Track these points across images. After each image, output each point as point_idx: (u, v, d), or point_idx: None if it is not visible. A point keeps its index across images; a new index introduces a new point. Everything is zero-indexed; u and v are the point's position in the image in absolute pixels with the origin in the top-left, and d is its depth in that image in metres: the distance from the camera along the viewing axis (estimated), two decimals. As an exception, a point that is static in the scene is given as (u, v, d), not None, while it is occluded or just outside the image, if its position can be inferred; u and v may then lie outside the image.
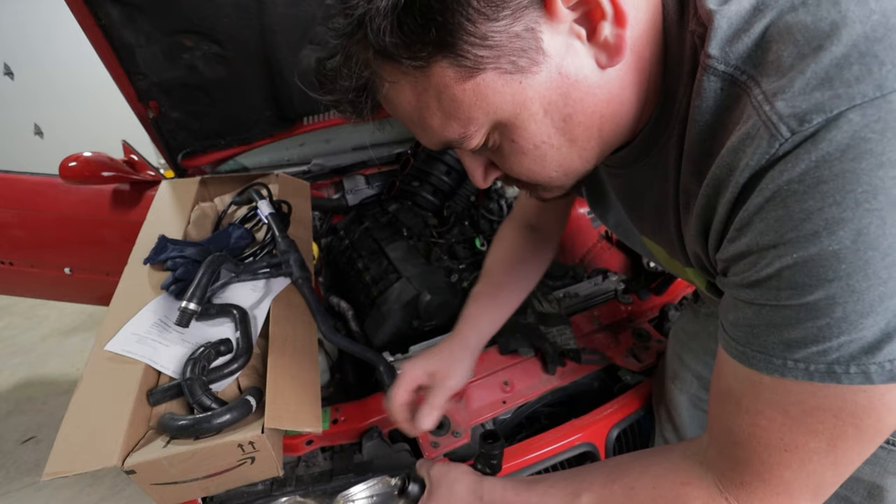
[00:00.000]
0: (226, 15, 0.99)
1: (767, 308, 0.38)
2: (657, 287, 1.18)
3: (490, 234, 1.49)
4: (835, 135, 0.31)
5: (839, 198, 0.31)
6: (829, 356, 0.36)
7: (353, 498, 0.80)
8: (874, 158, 0.30)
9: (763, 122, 0.34)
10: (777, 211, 0.34)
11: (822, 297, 0.34)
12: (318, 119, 1.49)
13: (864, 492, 0.60)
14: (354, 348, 0.91)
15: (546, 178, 0.48)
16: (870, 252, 0.31)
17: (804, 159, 0.32)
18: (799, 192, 0.33)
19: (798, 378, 0.38)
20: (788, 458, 0.41)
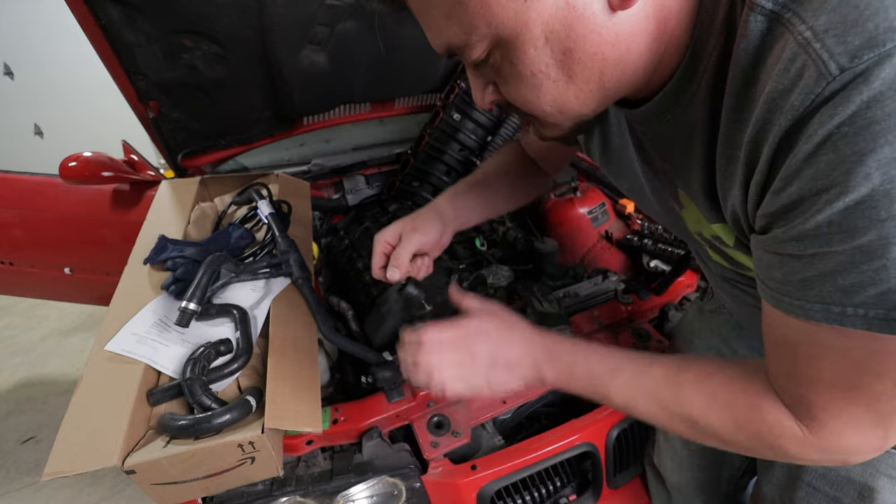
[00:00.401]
0: (226, 15, 0.99)
1: (819, 256, 0.37)
2: (657, 287, 1.18)
3: (490, 235, 1.49)
4: (888, 72, 0.30)
5: (891, 138, 0.30)
6: (887, 300, 0.35)
7: (353, 498, 0.80)
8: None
9: (812, 60, 0.32)
10: (828, 155, 0.33)
11: (876, 238, 0.33)
12: (318, 119, 1.49)
13: (854, 493, 0.60)
14: (354, 348, 0.91)
15: (540, 110, 0.48)
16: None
17: (855, 100, 0.31)
18: (850, 134, 0.32)
19: (857, 327, 0.37)
20: (855, 396, 0.42)
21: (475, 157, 1.45)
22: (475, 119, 1.42)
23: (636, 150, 0.61)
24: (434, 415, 0.89)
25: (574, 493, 0.94)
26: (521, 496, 0.88)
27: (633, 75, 0.45)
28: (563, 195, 1.54)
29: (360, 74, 1.33)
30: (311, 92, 1.30)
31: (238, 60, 1.10)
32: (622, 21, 0.41)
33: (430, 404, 0.91)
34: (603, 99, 0.47)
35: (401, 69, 1.40)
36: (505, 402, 0.93)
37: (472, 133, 1.44)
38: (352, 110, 1.54)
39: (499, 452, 0.87)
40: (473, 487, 0.82)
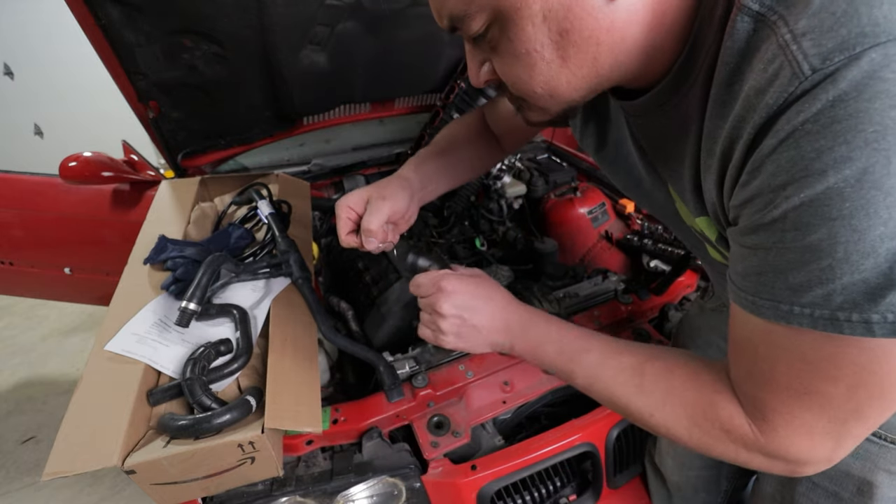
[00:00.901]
0: (226, 15, 0.99)
1: (773, 252, 0.38)
2: (657, 287, 1.18)
3: (490, 234, 1.49)
4: (854, 74, 0.31)
5: (849, 137, 0.31)
6: (832, 301, 0.36)
7: (353, 498, 0.80)
8: (888, 99, 0.30)
9: (788, 60, 0.34)
10: (789, 152, 0.34)
11: (825, 237, 0.34)
12: (318, 119, 1.49)
13: (853, 488, 0.60)
14: (354, 348, 0.91)
15: (531, 91, 0.48)
16: (873, 191, 0.32)
17: (821, 98, 0.32)
18: (812, 131, 0.33)
19: (804, 325, 0.38)
20: (809, 401, 0.42)
21: (475, 157, 1.45)
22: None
23: (634, 144, 0.61)
24: (434, 415, 0.89)
25: (574, 493, 0.94)
26: (521, 496, 0.88)
27: (626, 64, 0.46)
28: (563, 195, 1.54)
29: (360, 74, 1.33)
30: (311, 92, 1.30)
31: (238, 60, 1.10)
32: (619, 8, 0.41)
33: (430, 404, 0.91)
34: (594, 85, 0.48)
35: (401, 69, 1.40)
36: (505, 402, 0.93)
37: (472, 133, 1.44)
38: (352, 110, 1.54)
39: (499, 452, 0.87)
40: (473, 487, 0.82)
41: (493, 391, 0.94)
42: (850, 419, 0.41)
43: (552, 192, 1.55)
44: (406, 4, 1.14)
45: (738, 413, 0.47)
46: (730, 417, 0.47)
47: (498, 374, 0.97)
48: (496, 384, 0.95)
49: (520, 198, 1.57)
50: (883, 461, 0.57)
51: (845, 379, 0.39)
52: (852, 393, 0.39)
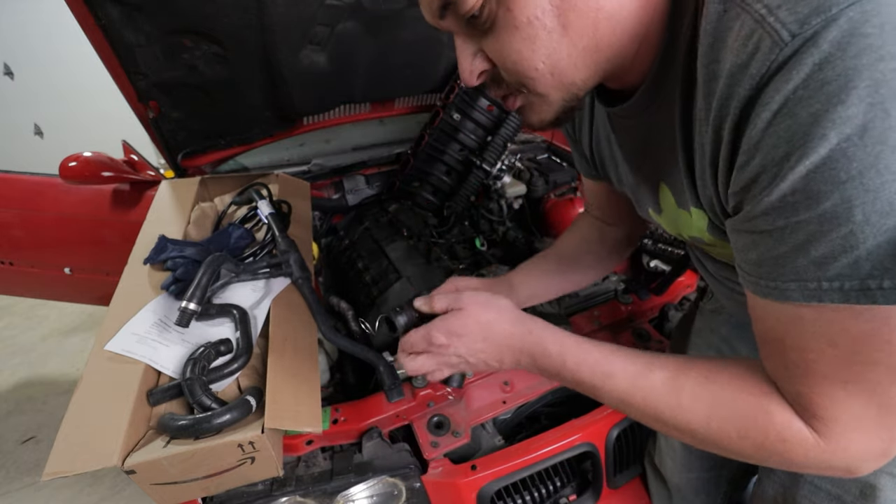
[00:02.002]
0: (226, 15, 0.98)
1: (788, 229, 0.36)
2: (657, 287, 1.18)
3: (490, 235, 1.49)
4: (834, 34, 0.31)
5: (843, 96, 0.31)
6: (861, 268, 0.34)
7: (353, 498, 0.80)
8: (874, 52, 0.30)
9: (766, 31, 0.34)
10: (786, 121, 0.34)
11: (839, 202, 0.33)
12: (318, 119, 1.49)
13: (856, 491, 0.59)
14: (354, 348, 0.91)
15: (532, 67, 0.46)
16: (878, 146, 0.31)
17: (807, 63, 0.32)
18: (805, 97, 0.32)
19: (835, 301, 0.36)
20: (852, 389, 0.39)
21: (475, 157, 1.45)
22: (475, 119, 1.42)
23: (620, 148, 0.62)
24: (434, 415, 0.89)
25: (574, 493, 0.94)
26: (521, 496, 0.88)
27: (623, 39, 0.45)
28: (563, 195, 1.54)
29: (360, 74, 1.33)
30: (311, 92, 1.30)
31: (238, 60, 1.10)
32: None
33: (430, 404, 0.91)
34: (594, 64, 0.46)
35: (401, 69, 1.40)
36: (505, 402, 0.93)
37: (472, 133, 1.44)
38: (352, 110, 1.54)
39: (499, 452, 0.87)
40: (473, 487, 0.82)
41: (493, 391, 0.94)
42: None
43: (552, 192, 1.55)
44: (405, 5, 1.14)
45: (793, 417, 0.43)
46: (787, 423, 0.43)
47: (498, 375, 0.97)
48: (496, 384, 0.95)
49: (520, 198, 1.57)
50: (886, 465, 0.57)
51: (884, 360, 0.37)
52: (894, 375, 0.37)
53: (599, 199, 0.86)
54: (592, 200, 0.89)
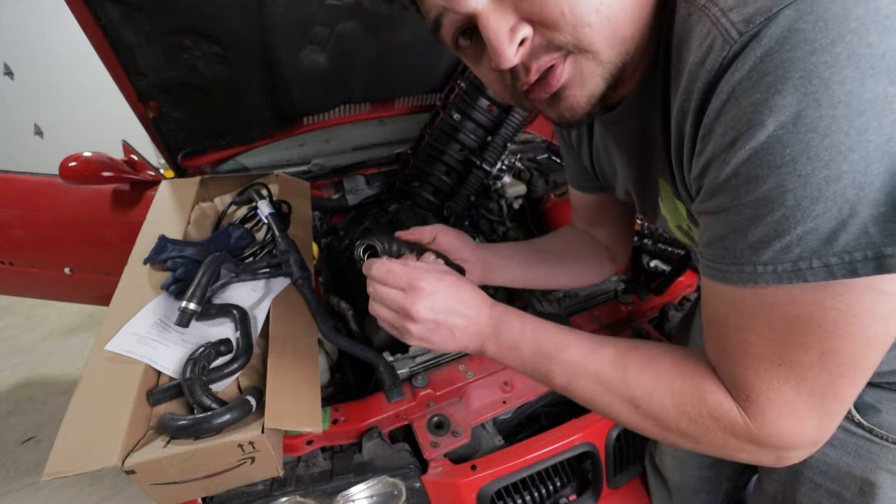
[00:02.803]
0: (226, 15, 0.98)
1: (732, 212, 0.39)
2: (657, 287, 1.18)
3: (490, 235, 1.49)
4: (774, 30, 0.34)
5: (779, 86, 0.34)
6: (792, 252, 0.37)
7: (353, 498, 0.80)
8: (808, 45, 0.33)
9: (719, 31, 0.37)
10: (732, 110, 0.37)
11: (774, 186, 0.35)
12: (318, 119, 1.49)
13: (855, 488, 0.60)
14: (354, 348, 0.91)
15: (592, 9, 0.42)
16: (809, 134, 0.33)
17: (751, 57, 0.35)
18: (748, 87, 0.35)
19: (769, 283, 0.39)
20: (785, 373, 0.42)
21: (475, 157, 1.45)
22: (475, 119, 1.42)
23: (618, 153, 0.64)
24: (434, 415, 0.89)
25: (574, 493, 0.94)
26: (521, 496, 0.88)
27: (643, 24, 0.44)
28: (563, 195, 1.54)
29: (360, 74, 1.33)
30: (311, 92, 1.30)
31: (238, 60, 1.10)
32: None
33: (430, 404, 0.91)
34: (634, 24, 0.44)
35: (401, 69, 1.40)
36: (505, 402, 0.93)
37: (472, 133, 1.44)
38: (352, 110, 1.54)
39: (499, 452, 0.87)
40: (473, 487, 0.82)
41: (493, 391, 0.94)
42: (827, 393, 0.41)
43: (552, 192, 1.55)
44: (405, 4, 1.14)
45: (725, 398, 0.46)
46: (718, 404, 0.46)
47: (498, 374, 0.97)
48: (496, 384, 0.95)
49: (520, 198, 1.57)
50: (885, 461, 0.57)
51: (815, 344, 0.39)
52: (825, 361, 0.39)
53: (587, 211, 0.89)
54: (579, 211, 0.91)
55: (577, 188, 0.86)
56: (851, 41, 0.32)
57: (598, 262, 0.90)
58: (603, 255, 0.90)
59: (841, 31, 0.32)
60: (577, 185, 0.86)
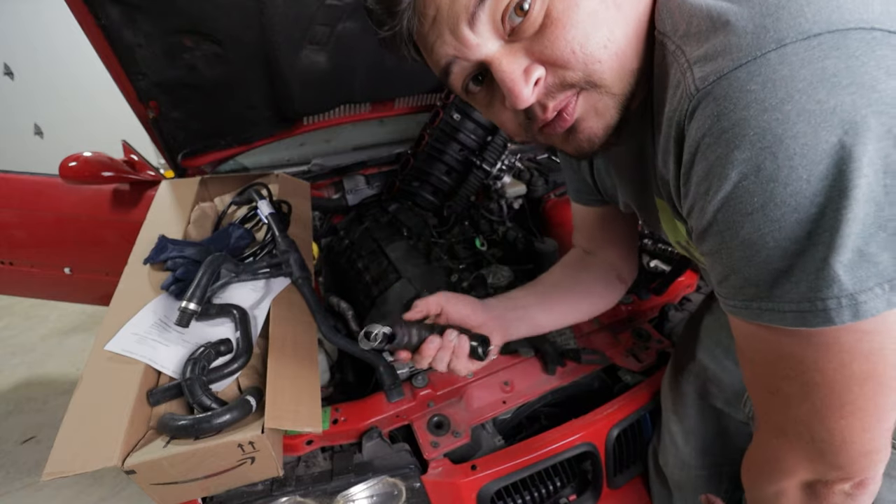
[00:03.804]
0: (226, 15, 0.98)
1: (724, 254, 0.42)
2: (657, 287, 1.18)
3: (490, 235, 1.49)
4: (726, 90, 0.37)
5: (738, 142, 0.37)
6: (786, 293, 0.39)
7: (353, 498, 0.80)
8: (758, 105, 0.35)
9: (685, 84, 0.40)
10: (701, 163, 0.40)
11: (752, 230, 0.38)
12: (318, 119, 1.49)
13: None
14: (354, 348, 0.90)
15: (601, 46, 0.44)
16: (771, 184, 0.36)
17: (708, 114, 0.38)
18: (711, 143, 0.38)
19: (773, 322, 0.41)
20: (774, 401, 0.46)
21: (475, 157, 1.45)
22: (475, 119, 1.42)
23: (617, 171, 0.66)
24: (434, 415, 0.89)
25: (574, 493, 0.94)
26: (521, 496, 0.88)
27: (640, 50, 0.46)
28: (563, 195, 1.54)
29: (360, 74, 1.33)
30: (311, 92, 1.30)
31: (238, 60, 1.10)
32: None
33: (430, 404, 0.91)
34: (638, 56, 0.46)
35: (401, 69, 1.40)
36: (505, 402, 0.93)
37: (472, 133, 1.44)
38: (352, 110, 1.54)
39: (499, 452, 0.87)
40: (473, 487, 0.82)
41: (493, 391, 0.94)
42: (813, 422, 0.44)
43: (552, 192, 1.55)
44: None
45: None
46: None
47: (498, 374, 0.97)
48: (496, 384, 0.95)
49: (520, 198, 1.57)
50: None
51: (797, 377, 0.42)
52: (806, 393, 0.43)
53: (591, 228, 0.87)
54: (583, 229, 0.89)
55: (579, 202, 0.85)
56: (800, 99, 0.34)
57: (609, 285, 0.88)
58: (611, 276, 0.88)
59: (789, 91, 0.34)
60: (580, 198, 0.84)
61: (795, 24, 0.35)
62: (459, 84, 0.52)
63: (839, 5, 0.35)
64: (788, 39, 0.35)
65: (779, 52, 0.35)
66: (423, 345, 0.68)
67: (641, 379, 0.99)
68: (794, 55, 0.34)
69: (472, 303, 0.77)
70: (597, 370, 1.01)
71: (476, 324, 0.75)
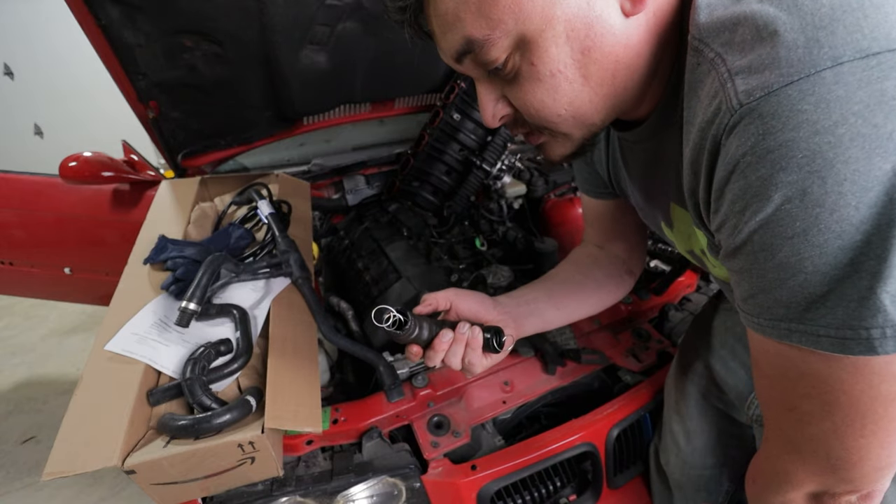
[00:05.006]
0: (226, 15, 0.98)
1: (754, 273, 0.41)
2: (657, 287, 1.18)
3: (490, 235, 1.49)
4: (776, 109, 0.35)
5: (784, 164, 0.35)
6: (834, 315, 0.37)
7: (353, 498, 0.80)
8: (810, 126, 0.34)
9: (725, 96, 0.38)
10: (739, 182, 0.39)
11: (790, 254, 0.37)
12: (318, 119, 1.49)
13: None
14: (354, 348, 0.91)
15: (555, 114, 0.49)
16: (817, 209, 0.35)
17: (752, 131, 0.36)
18: (753, 162, 0.37)
19: (804, 344, 0.40)
20: (790, 418, 0.45)
21: (475, 156, 1.45)
22: (475, 119, 1.42)
23: (629, 170, 0.65)
24: (434, 415, 0.89)
25: (574, 493, 0.94)
26: (521, 496, 0.88)
27: (638, 82, 0.48)
28: (563, 195, 1.54)
29: (360, 74, 1.33)
30: (311, 92, 1.30)
31: (238, 60, 1.10)
32: (631, 27, 0.44)
33: (430, 404, 0.91)
34: (612, 106, 0.50)
35: (401, 69, 1.40)
36: (505, 402, 0.93)
37: (472, 133, 1.44)
38: (352, 110, 1.54)
39: (499, 452, 0.87)
40: (473, 487, 0.82)
41: (493, 391, 0.94)
42: (830, 439, 0.43)
43: (552, 192, 1.55)
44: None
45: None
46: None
47: (498, 374, 0.97)
48: (496, 384, 0.95)
49: (520, 198, 1.57)
50: None
51: (818, 396, 0.42)
52: (827, 412, 0.42)
53: (603, 221, 0.87)
54: (594, 223, 0.89)
55: (590, 195, 0.85)
56: (855, 123, 0.32)
57: (618, 280, 0.88)
58: (620, 270, 0.88)
59: (844, 114, 0.33)
60: (590, 191, 0.84)
61: (853, 41, 0.33)
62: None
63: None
64: (845, 57, 0.33)
65: (834, 70, 0.33)
66: (436, 339, 0.66)
67: (641, 379, 0.99)
68: (852, 75, 0.33)
69: (483, 298, 0.75)
70: (597, 370, 1.01)
71: (487, 320, 0.74)
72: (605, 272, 0.87)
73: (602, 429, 0.90)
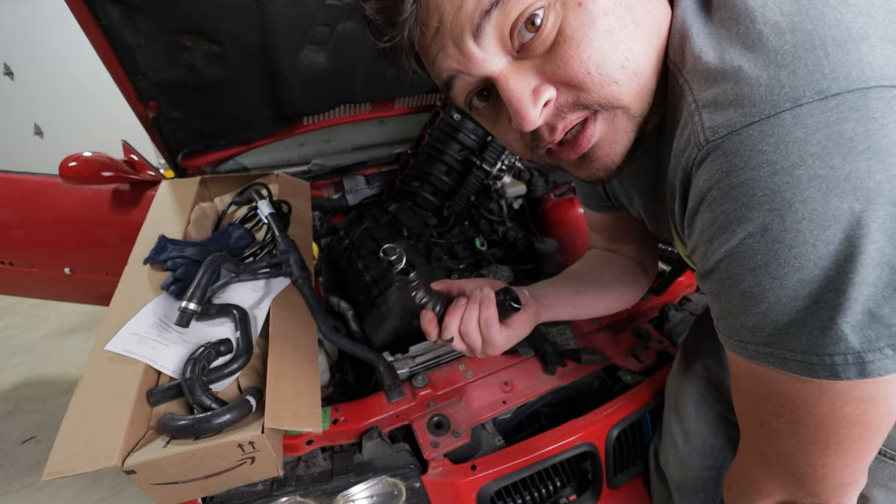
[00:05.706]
0: (226, 15, 0.98)
1: (723, 298, 0.43)
2: (657, 287, 1.18)
3: (490, 235, 1.49)
4: (738, 148, 0.36)
5: (745, 200, 0.36)
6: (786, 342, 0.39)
7: (353, 498, 0.80)
8: (769, 167, 0.35)
9: (693, 130, 0.39)
10: (707, 213, 0.40)
11: (753, 284, 0.39)
12: (318, 119, 1.49)
13: None
14: (354, 348, 0.91)
15: (618, 66, 0.41)
16: (776, 244, 0.36)
17: (717, 168, 0.37)
18: (718, 197, 0.38)
19: (771, 364, 0.42)
20: (760, 432, 0.48)
21: (475, 156, 1.45)
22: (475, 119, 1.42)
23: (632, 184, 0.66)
24: (434, 415, 0.89)
25: (574, 493, 0.94)
26: (521, 496, 0.88)
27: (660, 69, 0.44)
28: (563, 195, 1.54)
29: (360, 74, 1.33)
30: (311, 92, 1.30)
31: (238, 60, 1.10)
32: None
33: (430, 404, 0.91)
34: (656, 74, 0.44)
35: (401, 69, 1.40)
36: (505, 402, 0.93)
37: (472, 133, 1.44)
38: (352, 110, 1.54)
39: (499, 452, 0.87)
40: (473, 487, 0.82)
41: (493, 391, 0.94)
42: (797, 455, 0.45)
43: (552, 192, 1.55)
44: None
45: None
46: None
47: (498, 374, 0.97)
48: (496, 384, 0.95)
49: (520, 198, 1.57)
50: (881, 476, 0.58)
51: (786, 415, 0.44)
52: (793, 429, 0.44)
53: (606, 230, 0.88)
54: (599, 231, 0.90)
55: (591, 209, 0.85)
56: (812, 164, 0.33)
57: (634, 278, 0.87)
58: (636, 270, 0.88)
59: (802, 155, 0.33)
60: (591, 205, 0.84)
61: (813, 81, 0.33)
62: (462, 99, 0.49)
63: (860, 59, 0.32)
64: (805, 99, 0.33)
65: (794, 112, 0.33)
66: (451, 307, 0.65)
67: (641, 379, 0.99)
68: (810, 116, 0.33)
69: (496, 283, 0.75)
70: (597, 370, 1.01)
71: None
72: (621, 270, 0.88)
73: (602, 429, 0.90)
